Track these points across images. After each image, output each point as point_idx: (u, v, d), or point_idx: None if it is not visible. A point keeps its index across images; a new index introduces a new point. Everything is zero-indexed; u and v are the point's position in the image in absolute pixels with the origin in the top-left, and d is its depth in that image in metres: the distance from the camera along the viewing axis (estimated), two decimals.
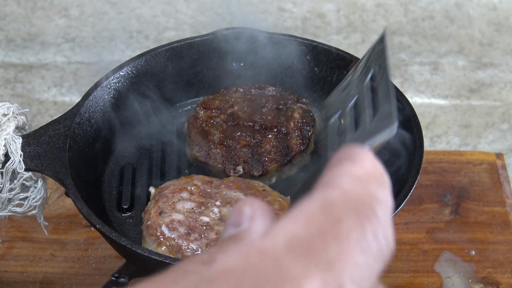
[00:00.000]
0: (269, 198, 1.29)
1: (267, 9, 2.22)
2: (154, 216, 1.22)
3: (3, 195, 1.26)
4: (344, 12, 2.21)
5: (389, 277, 1.53)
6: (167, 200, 1.24)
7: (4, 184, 1.26)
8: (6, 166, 1.25)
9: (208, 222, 1.22)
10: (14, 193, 1.27)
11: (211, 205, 1.25)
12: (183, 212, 1.22)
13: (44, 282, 1.52)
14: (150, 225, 1.21)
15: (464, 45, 2.12)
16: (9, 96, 1.96)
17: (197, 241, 1.19)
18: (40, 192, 1.29)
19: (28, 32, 2.14)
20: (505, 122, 1.90)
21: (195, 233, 1.20)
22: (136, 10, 2.21)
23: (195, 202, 1.24)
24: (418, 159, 1.29)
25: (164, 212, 1.22)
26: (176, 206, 1.23)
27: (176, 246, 1.19)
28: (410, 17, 2.20)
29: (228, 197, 1.27)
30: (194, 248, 1.18)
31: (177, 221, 1.21)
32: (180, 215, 1.22)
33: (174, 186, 1.27)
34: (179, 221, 1.21)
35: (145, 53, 1.46)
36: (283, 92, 1.45)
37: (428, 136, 1.86)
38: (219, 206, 1.25)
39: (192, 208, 1.23)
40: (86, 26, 2.16)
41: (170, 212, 1.22)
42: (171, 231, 1.20)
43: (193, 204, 1.24)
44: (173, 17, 2.19)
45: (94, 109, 1.38)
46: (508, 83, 2.01)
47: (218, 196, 1.27)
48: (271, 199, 1.29)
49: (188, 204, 1.23)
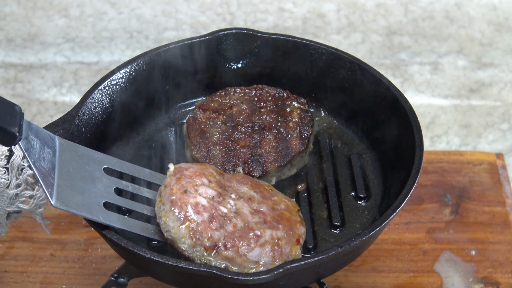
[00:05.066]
0: (276, 198, 1.29)
1: (267, 9, 2.22)
2: (178, 193, 1.21)
3: (10, 191, 1.28)
4: (344, 12, 2.21)
5: (389, 277, 1.53)
6: (190, 181, 1.23)
7: (11, 180, 1.28)
8: (11, 161, 1.27)
9: (226, 213, 1.22)
10: (21, 189, 1.28)
11: (227, 197, 1.25)
12: (206, 198, 1.22)
13: (44, 282, 1.52)
14: (174, 201, 1.20)
15: (464, 45, 2.12)
16: (9, 96, 1.96)
17: (217, 231, 1.18)
18: None
19: (28, 32, 2.14)
20: (505, 122, 1.90)
21: (216, 222, 1.19)
22: (136, 10, 2.21)
23: (215, 191, 1.24)
24: (418, 158, 1.29)
25: (188, 191, 1.21)
26: (199, 190, 1.22)
27: (198, 231, 1.18)
28: (410, 17, 2.20)
29: (241, 192, 1.27)
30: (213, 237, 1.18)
31: (202, 206, 1.20)
32: (204, 199, 1.21)
33: (193, 169, 1.26)
34: (203, 206, 1.20)
35: (145, 53, 1.46)
36: (281, 93, 1.45)
37: (428, 136, 1.87)
38: (234, 199, 1.25)
39: (213, 196, 1.23)
40: (86, 26, 2.17)
41: (194, 194, 1.21)
42: (196, 214, 1.19)
43: (213, 193, 1.23)
44: (173, 17, 2.19)
45: (93, 110, 1.38)
46: (508, 83, 2.01)
47: (231, 190, 1.27)
48: (277, 199, 1.29)
49: (210, 191, 1.23)
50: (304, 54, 1.49)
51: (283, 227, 1.23)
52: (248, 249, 1.19)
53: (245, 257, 1.18)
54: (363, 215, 1.35)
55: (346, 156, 1.44)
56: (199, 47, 1.49)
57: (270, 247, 1.20)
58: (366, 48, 2.10)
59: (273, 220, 1.24)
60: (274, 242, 1.20)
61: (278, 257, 1.20)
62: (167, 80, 1.49)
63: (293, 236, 1.23)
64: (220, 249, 1.17)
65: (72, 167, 1.21)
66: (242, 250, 1.18)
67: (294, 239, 1.23)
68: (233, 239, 1.19)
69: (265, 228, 1.22)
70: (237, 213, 1.23)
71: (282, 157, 1.37)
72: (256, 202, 1.26)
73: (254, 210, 1.24)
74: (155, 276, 1.25)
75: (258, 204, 1.26)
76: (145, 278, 1.43)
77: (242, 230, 1.20)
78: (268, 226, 1.22)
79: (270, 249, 1.20)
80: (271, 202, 1.28)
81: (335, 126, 1.49)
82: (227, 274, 1.11)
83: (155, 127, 1.49)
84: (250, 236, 1.20)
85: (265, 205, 1.26)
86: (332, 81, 1.48)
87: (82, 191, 1.20)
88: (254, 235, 1.20)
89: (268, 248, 1.20)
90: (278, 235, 1.22)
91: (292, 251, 1.22)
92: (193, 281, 1.19)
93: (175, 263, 1.13)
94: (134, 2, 2.23)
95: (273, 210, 1.26)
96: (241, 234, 1.20)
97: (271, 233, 1.21)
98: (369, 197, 1.37)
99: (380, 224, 1.19)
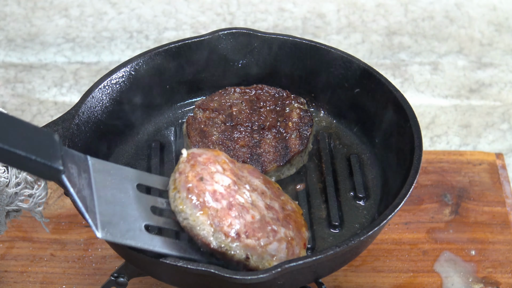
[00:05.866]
0: (283, 198, 1.29)
1: (267, 9, 2.22)
2: (194, 180, 1.17)
3: (10, 190, 1.28)
4: (344, 12, 2.21)
5: (389, 277, 1.53)
6: (205, 168, 1.20)
7: (10, 178, 1.28)
8: None
9: (244, 203, 1.19)
10: (20, 187, 1.28)
11: (242, 187, 1.22)
12: (223, 186, 1.19)
13: (44, 282, 1.52)
14: (191, 188, 1.16)
15: (464, 45, 2.12)
16: (9, 96, 1.96)
17: (236, 219, 1.16)
18: (45, 189, 1.30)
19: (28, 32, 2.15)
20: (505, 122, 1.90)
21: (235, 211, 1.17)
22: (136, 10, 2.21)
23: (230, 179, 1.21)
24: (417, 158, 1.29)
25: (205, 179, 1.18)
26: (215, 177, 1.19)
27: (218, 218, 1.15)
28: (410, 17, 2.20)
29: (254, 184, 1.25)
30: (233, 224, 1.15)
31: (219, 193, 1.17)
32: (221, 187, 1.18)
33: (206, 155, 1.22)
34: (221, 193, 1.18)
35: (144, 53, 1.47)
36: (281, 93, 1.45)
37: (428, 136, 1.87)
38: (249, 191, 1.23)
39: (228, 184, 1.20)
40: (86, 26, 2.17)
41: (211, 181, 1.18)
42: (214, 201, 1.16)
43: (229, 181, 1.20)
44: (173, 17, 2.20)
45: (93, 110, 1.38)
46: (508, 83, 2.01)
47: (245, 180, 1.25)
48: (285, 200, 1.29)
49: (226, 179, 1.20)
50: (304, 54, 1.49)
51: (293, 227, 1.22)
52: (267, 241, 1.17)
53: (265, 249, 1.16)
54: (362, 215, 1.35)
55: (346, 156, 1.44)
56: (199, 47, 1.49)
57: (286, 244, 1.19)
58: (366, 48, 2.10)
59: (284, 219, 1.23)
60: (288, 240, 1.19)
61: (290, 256, 1.19)
62: (167, 79, 1.49)
63: (300, 239, 1.23)
64: (242, 237, 1.15)
65: (109, 191, 1.16)
66: (262, 241, 1.16)
67: (302, 242, 1.23)
68: (253, 229, 1.16)
69: (279, 225, 1.20)
70: (253, 204, 1.21)
71: (281, 156, 1.37)
72: (269, 198, 1.25)
73: (268, 205, 1.23)
74: (155, 276, 1.25)
75: (270, 200, 1.24)
76: (145, 277, 1.43)
77: (260, 222, 1.18)
78: (281, 224, 1.21)
79: (286, 246, 1.18)
80: (280, 201, 1.27)
81: (334, 126, 1.49)
82: (225, 273, 1.11)
83: (155, 127, 1.49)
84: (268, 229, 1.18)
85: (276, 203, 1.25)
86: (332, 81, 1.48)
87: (123, 216, 1.15)
88: (271, 229, 1.18)
89: (284, 245, 1.18)
90: (291, 234, 1.21)
91: (300, 253, 1.21)
92: (192, 280, 1.19)
93: (174, 262, 1.13)
94: (134, 2, 2.23)
95: (283, 209, 1.25)
96: (260, 226, 1.18)
97: (284, 231, 1.20)
98: (368, 197, 1.37)
99: (378, 224, 1.19)
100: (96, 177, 1.15)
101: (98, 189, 1.14)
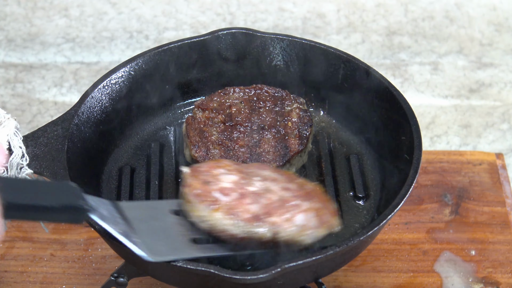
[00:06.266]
0: (300, 180, 1.27)
1: (267, 9, 2.22)
2: (199, 186, 1.18)
3: None
4: (344, 12, 2.21)
5: (389, 277, 1.53)
6: (208, 174, 1.20)
7: None
8: (10, 160, 1.27)
9: (256, 191, 1.18)
10: None
11: (251, 180, 1.21)
12: (230, 182, 1.19)
13: (44, 282, 1.52)
14: (200, 194, 1.16)
15: (464, 45, 2.12)
16: (9, 96, 1.96)
17: (252, 205, 1.16)
18: None
19: (28, 32, 2.15)
20: (505, 122, 1.90)
21: (248, 199, 1.16)
22: (136, 10, 2.21)
23: (237, 176, 1.21)
24: (417, 158, 1.29)
25: (210, 182, 1.18)
26: (220, 178, 1.20)
27: (232, 208, 1.15)
28: (410, 17, 2.20)
29: (263, 175, 1.24)
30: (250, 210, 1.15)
31: (228, 188, 1.17)
32: (228, 183, 1.18)
33: (207, 164, 1.23)
34: (229, 188, 1.17)
35: (144, 53, 1.47)
36: (280, 93, 1.45)
37: (428, 136, 1.86)
38: (259, 181, 1.21)
39: (236, 180, 1.20)
40: (86, 26, 2.17)
41: (216, 182, 1.19)
42: (225, 196, 1.16)
43: (236, 177, 1.20)
44: (173, 17, 2.20)
45: (93, 110, 1.38)
46: (508, 83, 2.01)
47: (253, 174, 1.24)
48: (302, 181, 1.26)
49: (232, 176, 1.20)
50: (304, 54, 1.49)
51: (317, 200, 1.20)
52: (292, 215, 1.15)
53: (291, 222, 1.15)
54: (361, 214, 1.35)
55: (345, 156, 1.44)
56: (199, 46, 1.49)
57: (314, 213, 1.17)
58: (366, 48, 2.10)
59: (305, 195, 1.21)
60: (315, 209, 1.17)
61: (322, 224, 1.17)
62: (166, 79, 1.49)
63: (328, 208, 1.20)
64: (263, 217, 1.14)
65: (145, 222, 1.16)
66: (286, 215, 1.15)
67: (331, 211, 1.20)
68: (273, 208, 1.15)
69: (301, 200, 1.19)
70: (267, 190, 1.20)
71: (280, 156, 1.37)
72: (283, 182, 1.23)
73: (284, 188, 1.21)
74: (154, 276, 1.25)
75: (285, 183, 1.23)
76: (145, 278, 1.43)
77: (278, 202, 1.17)
78: (303, 199, 1.19)
79: (315, 215, 1.16)
80: (297, 183, 1.24)
81: (334, 126, 1.49)
82: (225, 273, 1.11)
83: (155, 127, 1.49)
84: (288, 205, 1.17)
85: (292, 184, 1.23)
86: (331, 81, 1.48)
87: (167, 237, 1.16)
88: (292, 205, 1.17)
89: (312, 214, 1.16)
90: (316, 206, 1.19)
91: (332, 220, 1.19)
92: (191, 280, 1.19)
93: (174, 262, 1.13)
94: (134, 2, 2.23)
95: (302, 189, 1.23)
96: (279, 205, 1.16)
97: (309, 203, 1.18)
98: (367, 197, 1.37)
99: (378, 224, 1.19)
100: (128, 214, 1.16)
101: (135, 223, 1.15)
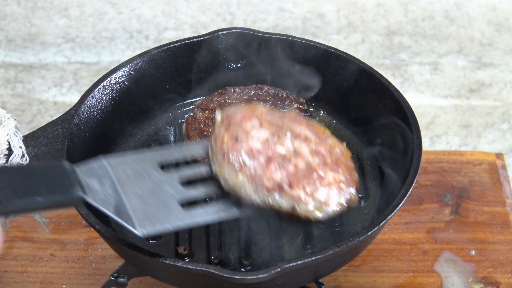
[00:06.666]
0: (330, 141, 1.26)
1: (267, 9, 2.22)
2: (229, 142, 1.16)
3: None
4: (344, 12, 2.21)
5: (389, 277, 1.53)
6: (239, 126, 1.19)
7: None
8: (10, 160, 1.27)
9: (285, 154, 1.17)
10: None
11: (282, 136, 1.20)
12: (260, 141, 1.18)
13: (44, 282, 1.52)
14: (227, 151, 1.15)
15: (464, 45, 2.12)
16: (9, 96, 1.96)
17: (277, 172, 1.14)
18: None
19: (28, 32, 2.15)
20: (505, 122, 1.90)
21: (274, 164, 1.15)
22: (136, 10, 2.21)
23: (267, 131, 1.19)
24: (417, 158, 1.28)
25: (239, 138, 1.17)
26: (250, 133, 1.18)
27: (257, 175, 1.14)
28: (410, 17, 2.20)
29: (296, 131, 1.23)
30: (274, 178, 1.14)
31: (256, 150, 1.16)
32: (257, 143, 1.17)
33: (241, 113, 1.21)
34: (258, 150, 1.16)
35: (144, 53, 1.47)
36: (280, 93, 1.45)
37: (428, 136, 1.86)
38: (290, 139, 1.20)
39: (266, 138, 1.18)
40: (86, 26, 2.17)
41: (246, 140, 1.17)
42: (251, 159, 1.15)
43: (266, 133, 1.19)
44: (173, 17, 2.20)
45: (93, 110, 1.38)
46: (508, 83, 2.01)
47: (286, 128, 1.22)
48: (332, 143, 1.25)
49: (263, 133, 1.19)
50: (304, 54, 1.49)
51: (342, 171, 1.20)
52: (314, 189, 1.15)
53: (312, 197, 1.15)
54: (361, 214, 1.35)
55: None
56: (199, 46, 1.49)
57: (336, 188, 1.16)
58: (366, 48, 2.10)
59: (332, 163, 1.20)
60: (337, 184, 1.17)
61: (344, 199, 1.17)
62: (166, 79, 1.49)
63: (351, 182, 1.20)
64: (286, 188, 1.14)
65: (134, 184, 1.14)
66: (308, 189, 1.14)
67: (354, 185, 1.20)
68: (297, 179, 1.15)
69: (327, 170, 1.18)
70: (296, 153, 1.19)
71: None
72: (314, 143, 1.22)
73: (313, 151, 1.20)
74: (154, 276, 1.25)
75: (316, 145, 1.21)
76: (145, 278, 1.43)
77: (305, 170, 1.16)
78: (330, 168, 1.18)
79: (336, 189, 1.16)
80: (327, 145, 1.24)
81: (334, 125, 1.49)
82: (225, 273, 1.11)
83: (155, 127, 1.49)
84: (314, 176, 1.16)
85: (323, 147, 1.22)
86: (332, 81, 1.48)
87: (156, 204, 1.13)
88: (318, 176, 1.16)
89: (334, 189, 1.16)
90: (341, 178, 1.18)
91: (351, 197, 1.19)
92: (191, 280, 1.19)
93: (173, 262, 1.13)
94: (134, 2, 2.23)
95: (330, 153, 1.22)
96: (304, 174, 1.16)
97: (333, 175, 1.18)
98: (367, 197, 1.37)
99: (378, 223, 1.19)
100: (118, 176, 1.13)
101: (124, 187, 1.13)
